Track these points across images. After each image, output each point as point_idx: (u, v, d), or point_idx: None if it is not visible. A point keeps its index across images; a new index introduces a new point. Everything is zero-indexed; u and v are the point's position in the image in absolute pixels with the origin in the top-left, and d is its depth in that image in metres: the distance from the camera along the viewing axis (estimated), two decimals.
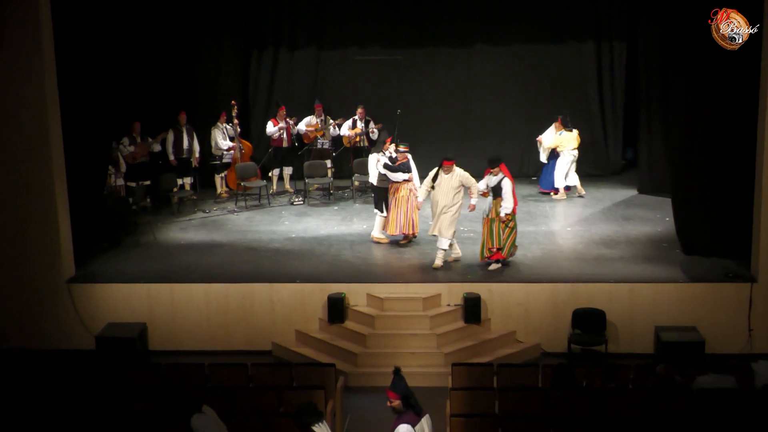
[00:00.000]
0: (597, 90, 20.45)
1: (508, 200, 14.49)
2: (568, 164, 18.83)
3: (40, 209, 14.37)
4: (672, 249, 15.57)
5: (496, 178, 14.63)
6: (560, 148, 18.79)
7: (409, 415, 8.50)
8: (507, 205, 14.50)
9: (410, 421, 8.46)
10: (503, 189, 14.50)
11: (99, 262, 15.59)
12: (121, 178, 18.03)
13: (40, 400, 11.03)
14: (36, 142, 14.17)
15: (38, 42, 13.92)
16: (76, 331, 14.52)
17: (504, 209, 14.51)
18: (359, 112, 19.43)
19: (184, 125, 18.96)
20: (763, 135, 13.73)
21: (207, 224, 17.80)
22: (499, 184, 14.55)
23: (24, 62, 13.98)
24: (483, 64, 20.56)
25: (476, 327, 14.10)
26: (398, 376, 8.58)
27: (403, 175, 15.81)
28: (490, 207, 14.70)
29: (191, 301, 14.48)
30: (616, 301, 14.04)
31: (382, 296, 14.13)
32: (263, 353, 14.26)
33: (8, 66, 14.00)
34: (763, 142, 13.73)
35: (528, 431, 10.16)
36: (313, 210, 18.60)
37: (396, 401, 8.52)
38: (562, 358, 13.75)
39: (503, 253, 14.67)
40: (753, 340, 13.98)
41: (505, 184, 14.52)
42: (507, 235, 14.63)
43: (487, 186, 14.79)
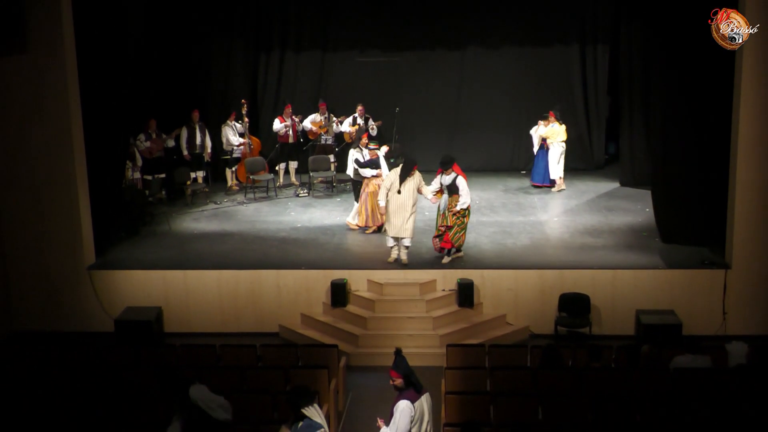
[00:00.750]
0: (581, 89, 20.39)
1: (467, 194, 14.29)
2: (558, 156, 18.76)
3: (62, 201, 14.35)
4: (651, 238, 15.56)
5: (449, 177, 14.31)
6: (551, 140, 18.70)
7: (410, 392, 8.53)
8: (465, 199, 14.27)
9: (411, 398, 8.49)
10: (460, 186, 14.23)
11: (117, 251, 15.57)
12: (138, 171, 18.00)
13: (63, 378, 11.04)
14: (59, 137, 14.15)
15: (60, 43, 13.90)
16: (96, 314, 14.51)
17: (462, 203, 14.25)
18: (359, 110, 19.38)
19: (197, 122, 18.93)
20: (737, 131, 13.70)
21: (218, 215, 17.78)
22: (454, 183, 14.26)
23: (47, 62, 13.95)
24: (475, 65, 20.51)
25: (469, 310, 14.09)
26: (400, 357, 8.60)
27: (371, 171, 15.99)
28: (446, 203, 14.36)
29: (203, 286, 14.46)
30: (599, 287, 14.02)
31: (382, 282, 14.12)
32: (271, 335, 14.26)
33: (32, 65, 13.97)
34: (737, 138, 13.71)
35: (518, 407, 10.14)
36: (317, 201, 18.57)
37: (398, 380, 8.53)
38: (550, 340, 13.75)
39: (450, 234, 14.35)
40: (727, 323, 13.97)
41: (460, 182, 14.25)
42: (458, 223, 14.35)
43: (441, 185, 14.43)
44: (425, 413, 8.57)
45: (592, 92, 20.41)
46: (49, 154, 14.21)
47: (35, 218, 14.42)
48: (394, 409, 8.51)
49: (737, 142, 13.73)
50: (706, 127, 14.45)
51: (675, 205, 15.08)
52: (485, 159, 20.63)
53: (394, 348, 8.82)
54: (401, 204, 14.17)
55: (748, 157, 13.70)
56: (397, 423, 8.45)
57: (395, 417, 8.47)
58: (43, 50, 13.92)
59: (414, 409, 8.46)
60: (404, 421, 8.43)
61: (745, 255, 13.94)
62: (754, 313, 13.98)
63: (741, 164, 13.74)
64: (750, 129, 13.60)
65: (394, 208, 14.20)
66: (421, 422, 8.52)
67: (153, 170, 18.33)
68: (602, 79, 20.39)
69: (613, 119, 20.38)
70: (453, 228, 14.33)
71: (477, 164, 20.24)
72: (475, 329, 13.87)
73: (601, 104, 20.54)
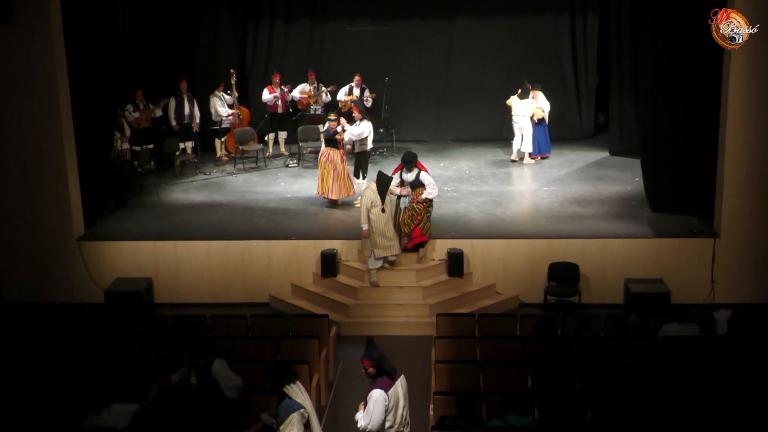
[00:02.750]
0: (571, 59, 20.34)
1: (433, 185, 13.98)
2: (532, 130, 18.64)
3: (50, 172, 14.30)
4: (641, 207, 15.60)
5: (412, 174, 13.93)
6: (537, 116, 18.58)
7: (383, 380, 8.40)
8: (432, 190, 13.95)
9: (384, 385, 8.36)
10: (425, 180, 13.91)
11: (107, 222, 15.54)
12: (126, 142, 17.92)
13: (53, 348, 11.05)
14: (47, 108, 14.07)
15: (47, 14, 13.78)
16: (85, 286, 14.51)
17: (428, 193, 13.91)
18: (356, 80, 19.28)
19: (185, 92, 18.84)
20: (726, 100, 13.70)
21: (208, 185, 17.74)
22: (418, 178, 13.92)
23: (34, 34, 13.86)
24: (465, 35, 20.42)
25: (459, 280, 14.13)
26: (372, 345, 8.48)
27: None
28: (410, 197, 13.98)
29: (193, 257, 14.46)
30: (588, 256, 14.07)
31: None
32: (261, 305, 14.29)
33: (19, 37, 13.87)
34: (726, 107, 13.71)
35: (507, 376, 10.19)
36: (307, 172, 18.54)
37: (371, 368, 8.40)
38: (539, 309, 13.82)
39: (422, 228, 13.96)
40: (715, 291, 14.05)
41: (424, 176, 13.95)
42: (425, 215, 13.99)
43: (403, 182, 14.01)
44: (400, 399, 8.47)
45: (582, 62, 20.35)
46: (37, 126, 14.14)
47: (24, 190, 14.37)
48: (368, 399, 8.37)
49: (726, 112, 13.73)
50: (695, 96, 14.45)
51: (664, 175, 15.12)
52: (475, 129, 20.62)
53: (366, 337, 8.72)
54: (386, 221, 13.68)
55: (736, 127, 13.70)
56: (371, 413, 8.31)
57: (369, 407, 8.34)
58: (29, 22, 13.81)
59: (388, 398, 8.34)
60: (378, 411, 8.29)
61: (733, 224, 13.99)
62: (742, 281, 14.06)
63: (730, 133, 13.75)
64: (738, 98, 13.59)
65: (380, 228, 13.63)
66: (396, 408, 8.42)
67: (141, 141, 18.24)
68: (592, 49, 20.33)
69: (603, 88, 20.35)
70: (422, 221, 13.96)
71: (466, 134, 20.23)
72: (465, 299, 13.91)
73: (591, 74, 20.50)
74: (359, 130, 15.88)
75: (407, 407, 8.57)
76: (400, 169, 14.09)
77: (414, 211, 13.96)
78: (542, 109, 18.61)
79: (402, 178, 14.03)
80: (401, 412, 8.47)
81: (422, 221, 13.96)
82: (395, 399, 8.41)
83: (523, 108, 18.39)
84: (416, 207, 13.93)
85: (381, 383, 8.37)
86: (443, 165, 18.38)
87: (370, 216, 13.57)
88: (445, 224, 14.92)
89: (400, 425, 8.48)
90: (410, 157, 14.05)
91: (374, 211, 13.59)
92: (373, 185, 13.70)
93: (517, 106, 18.43)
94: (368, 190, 13.73)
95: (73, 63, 14.33)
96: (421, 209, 13.95)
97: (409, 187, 14.00)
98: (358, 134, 15.89)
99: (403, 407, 8.50)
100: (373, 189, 13.66)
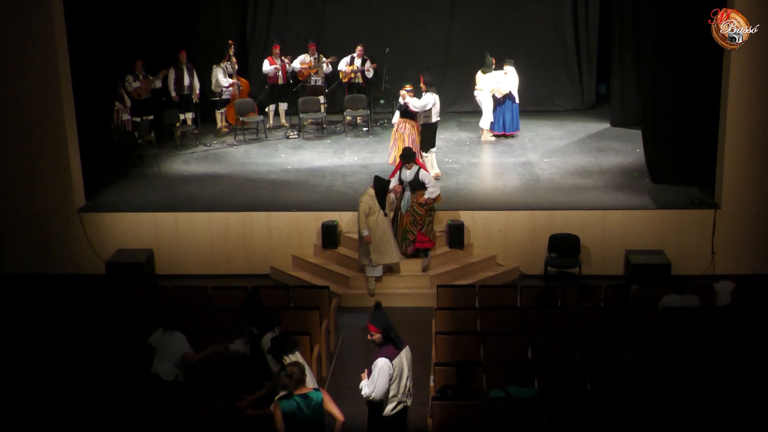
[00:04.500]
0: (573, 29, 20.20)
1: (434, 184, 13.60)
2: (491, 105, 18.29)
3: (51, 143, 14.28)
4: (641, 178, 15.58)
5: (411, 171, 13.46)
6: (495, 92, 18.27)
7: (389, 348, 8.36)
8: (434, 189, 13.51)
9: (389, 354, 8.32)
10: (424, 179, 13.46)
11: (107, 193, 15.54)
12: (127, 113, 17.86)
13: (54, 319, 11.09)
14: (47, 79, 14.02)
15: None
16: (86, 257, 14.53)
17: (430, 193, 13.44)
18: (358, 50, 19.19)
19: (184, 63, 18.76)
20: (728, 70, 13.65)
21: (208, 157, 17.71)
22: (417, 177, 13.43)
23: (33, 3, 13.78)
24: (466, 5, 20.27)
25: (459, 252, 14.15)
26: (379, 311, 8.41)
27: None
28: (409, 201, 13.50)
29: (194, 228, 14.47)
30: (589, 227, 14.08)
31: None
32: (262, 276, 14.32)
33: (19, 6, 13.81)
34: (728, 78, 13.66)
35: (507, 346, 10.23)
36: (308, 143, 18.51)
37: (377, 334, 8.32)
38: (540, 280, 13.85)
39: (426, 233, 13.60)
40: (716, 263, 14.07)
41: (424, 174, 13.49)
42: (427, 218, 13.57)
43: (401, 181, 13.51)
44: (404, 369, 8.43)
45: (583, 32, 20.23)
46: (38, 97, 14.09)
47: (24, 161, 14.35)
48: (373, 367, 8.31)
49: (728, 82, 13.68)
50: (696, 67, 14.40)
51: (665, 146, 15.10)
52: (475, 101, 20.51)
53: (375, 302, 8.66)
54: (384, 228, 13.25)
55: (738, 97, 13.66)
56: (375, 382, 8.24)
57: (374, 375, 8.28)
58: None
59: (393, 367, 8.28)
60: (382, 380, 8.23)
61: (734, 195, 13.98)
62: (743, 252, 14.08)
63: (731, 104, 13.71)
64: (740, 69, 13.55)
65: (380, 235, 13.18)
66: (400, 379, 8.40)
67: (141, 112, 18.19)
68: (593, 19, 20.20)
69: (604, 59, 20.26)
70: (425, 224, 13.55)
71: (467, 106, 20.14)
72: (466, 270, 13.93)
73: (592, 44, 20.39)
74: (422, 102, 15.43)
75: (411, 378, 8.57)
76: (399, 169, 13.66)
77: (416, 215, 13.52)
78: (499, 89, 17.98)
79: (401, 178, 13.55)
80: (404, 382, 8.47)
81: (425, 225, 13.58)
82: (399, 369, 8.38)
83: (485, 83, 18.14)
84: (418, 211, 13.52)
85: (386, 351, 8.34)
86: (444, 137, 18.31)
87: (369, 223, 13.15)
88: (445, 196, 14.88)
89: (403, 395, 8.50)
90: (408, 151, 13.69)
91: (372, 218, 13.12)
92: (371, 190, 13.21)
93: (480, 81, 18.22)
94: (366, 195, 13.21)
95: (73, 34, 14.26)
96: (422, 213, 13.53)
97: (407, 188, 13.50)
98: (422, 106, 15.45)
99: (407, 378, 8.50)
100: (371, 194, 13.17)
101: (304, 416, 7.79)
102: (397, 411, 8.48)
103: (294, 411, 7.77)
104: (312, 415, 7.82)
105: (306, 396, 7.82)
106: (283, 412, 7.75)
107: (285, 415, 7.75)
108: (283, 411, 7.75)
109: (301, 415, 7.78)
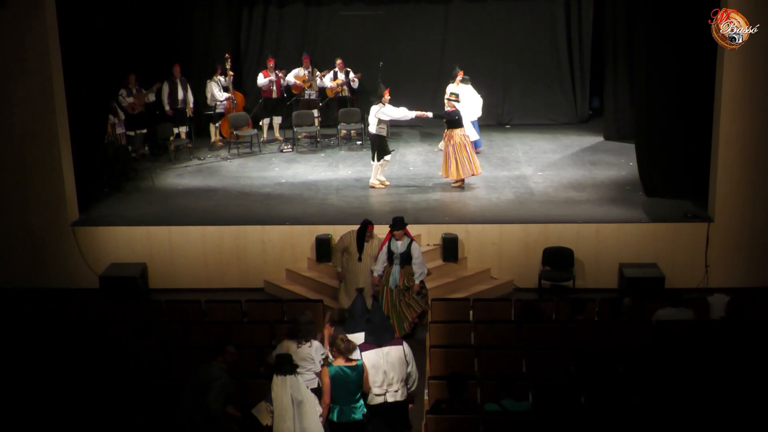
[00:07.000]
0: (566, 43, 20.30)
1: (422, 264, 12.47)
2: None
3: (45, 157, 14.26)
4: (635, 191, 15.62)
5: (403, 243, 12.40)
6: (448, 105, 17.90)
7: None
8: (422, 270, 12.46)
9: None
10: (414, 254, 12.39)
11: (101, 207, 15.53)
12: (121, 127, 17.87)
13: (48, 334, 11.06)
14: (40, 92, 14.03)
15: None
16: (80, 271, 14.51)
17: (419, 275, 12.41)
18: (338, 64, 19.32)
19: (178, 77, 18.78)
20: (721, 84, 13.71)
21: (202, 170, 17.72)
22: (408, 250, 12.39)
23: (28, 16, 13.80)
24: (459, 18, 20.37)
25: (454, 265, 14.16)
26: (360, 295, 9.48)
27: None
28: (397, 278, 12.45)
29: (188, 242, 14.47)
30: (583, 240, 14.11)
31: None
32: (256, 290, 14.31)
33: (13, 19, 13.82)
34: (721, 91, 13.72)
35: (501, 360, 10.24)
36: (302, 157, 18.53)
37: None
38: (534, 294, 13.86)
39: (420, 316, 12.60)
40: (709, 276, 14.10)
41: (414, 248, 12.41)
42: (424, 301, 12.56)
43: (390, 253, 12.44)
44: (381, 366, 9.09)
45: (576, 46, 20.32)
46: (31, 110, 14.09)
47: (17, 175, 14.34)
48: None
49: (720, 96, 13.74)
50: (689, 80, 14.46)
51: (658, 159, 15.15)
52: None
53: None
54: (358, 272, 12.86)
55: (730, 111, 13.72)
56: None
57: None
58: (23, 4, 13.74)
59: None
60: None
61: (727, 208, 14.02)
62: (736, 265, 14.11)
63: (724, 118, 13.76)
64: (733, 82, 13.60)
65: (352, 277, 12.89)
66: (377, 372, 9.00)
67: (135, 126, 18.20)
68: (586, 33, 20.30)
69: (598, 73, 20.34)
70: (421, 307, 12.48)
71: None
72: (460, 283, 13.94)
73: (585, 57, 20.48)
74: (402, 111, 16.01)
75: (395, 377, 9.20)
76: (388, 240, 12.54)
77: (413, 302, 12.47)
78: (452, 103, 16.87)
79: (390, 249, 12.45)
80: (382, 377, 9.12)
81: (422, 307, 12.51)
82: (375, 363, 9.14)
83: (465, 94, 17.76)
84: (413, 299, 12.47)
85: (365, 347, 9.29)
86: (438, 151, 18.35)
87: (343, 262, 12.98)
88: (439, 209, 14.95)
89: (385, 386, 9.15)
90: (398, 217, 12.59)
91: (346, 258, 12.95)
92: (356, 230, 12.92)
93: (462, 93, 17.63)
94: (348, 233, 13.00)
95: (67, 46, 14.28)
96: (418, 299, 12.50)
97: (396, 262, 12.44)
98: (402, 115, 15.99)
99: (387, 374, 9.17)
100: (353, 234, 12.93)
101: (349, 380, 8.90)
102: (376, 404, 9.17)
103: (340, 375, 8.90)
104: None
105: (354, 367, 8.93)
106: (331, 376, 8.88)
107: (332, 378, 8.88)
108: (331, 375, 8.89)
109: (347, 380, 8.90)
